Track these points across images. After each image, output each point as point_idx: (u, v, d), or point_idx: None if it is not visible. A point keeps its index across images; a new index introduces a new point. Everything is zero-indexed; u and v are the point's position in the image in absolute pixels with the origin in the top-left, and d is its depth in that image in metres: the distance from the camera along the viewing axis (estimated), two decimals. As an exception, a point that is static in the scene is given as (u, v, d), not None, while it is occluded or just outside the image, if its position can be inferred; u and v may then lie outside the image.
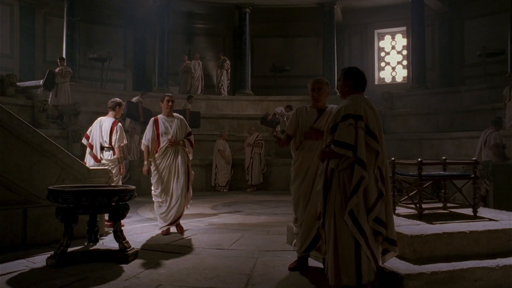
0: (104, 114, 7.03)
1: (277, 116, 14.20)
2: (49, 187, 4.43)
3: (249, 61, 16.90)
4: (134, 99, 13.14)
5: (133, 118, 12.91)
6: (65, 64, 12.68)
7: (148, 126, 6.15)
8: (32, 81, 13.32)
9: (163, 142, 5.99)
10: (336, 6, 16.72)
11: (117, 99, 6.90)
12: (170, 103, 6.09)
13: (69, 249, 4.44)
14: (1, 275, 3.95)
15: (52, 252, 4.45)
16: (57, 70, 12.36)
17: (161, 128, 6.02)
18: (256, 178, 12.29)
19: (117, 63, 17.06)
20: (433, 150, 11.95)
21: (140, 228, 6.45)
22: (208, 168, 12.54)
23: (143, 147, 6.20)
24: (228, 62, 16.77)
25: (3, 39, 14.88)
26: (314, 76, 17.80)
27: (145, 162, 6.06)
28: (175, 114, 6.20)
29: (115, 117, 6.70)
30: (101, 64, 16.22)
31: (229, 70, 16.91)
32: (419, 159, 4.45)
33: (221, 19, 18.42)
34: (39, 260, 4.46)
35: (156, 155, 6.05)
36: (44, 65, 15.63)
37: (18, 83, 12.82)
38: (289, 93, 16.81)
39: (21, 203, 5.06)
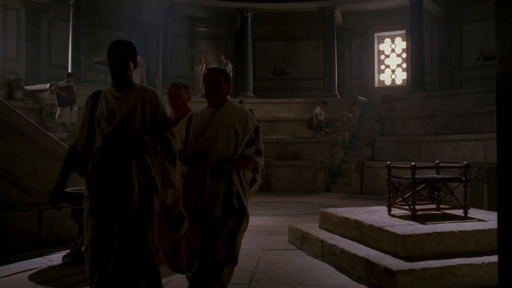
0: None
1: (319, 117, 14.34)
2: (65, 190, 4.70)
3: (251, 64, 17.22)
4: None
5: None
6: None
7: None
8: (39, 85, 13.63)
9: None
10: (336, 10, 17.03)
11: None
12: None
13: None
14: (22, 271, 4.24)
15: (67, 250, 4.73)
16: (60, 83, 12.26)
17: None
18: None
19: (121, 66, 17.36)
20: (431, 152, 12.21)
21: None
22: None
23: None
24: (230, 65, 17.06)
25: (9, 43, 15.20)
26: (315, 78, 18.03)
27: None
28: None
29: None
30: (105, 67, 16.53)
31: (231, 73, 17.19)
32: (413, 163, 4.72)
33: (223, 22, 18.73)
34: (55, 258, 4.74)
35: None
36: (49, 68, 16.00)
37: (25, 87, 13.13)
38: (290, 95, 17.10)
39: (36, 204, 5.34)
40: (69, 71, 14.23)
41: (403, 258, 3.87)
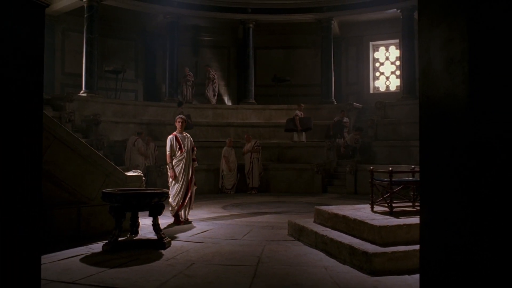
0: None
1: (337, 125, 15.26)
2: (103, 191, 5.71)
3: (252, 71, 18.20)
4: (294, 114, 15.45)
5: (292, 131, 15.42)
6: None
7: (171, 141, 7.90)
8: (56, 94, 14.64)
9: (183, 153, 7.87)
10: (333, 21, 18.05)
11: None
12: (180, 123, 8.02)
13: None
14: (73, 256, 5.24)
15: (105, 241, 5.71)
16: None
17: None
18: (256, 181, 13.55)
19: (129, 74, 18.39)
20: (420, 155, 13.18)
21: (164, 224, 7.72)
22: (216, 172, 13.80)
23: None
24: (213, 72, 18.06)
25: (26, 54, 16.19)
26: (313, 85, 19.29)
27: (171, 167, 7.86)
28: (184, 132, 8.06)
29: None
30: (115, 75, 17.54)
31: (215, 81, 18.15)
32: (390, 168, 5.72)
33: (226, 32, 19.74)
34: (95, 247, 5.73)
35: (175, 161, 7.84)
36: (62, 76, 17.00)
37: (44, 96, 14.15)
38: (290, 101, 18.07)
39: (76, 203, 6.34)
40: (83, 80, 15.24)
41: (379, 244, 4.86)
